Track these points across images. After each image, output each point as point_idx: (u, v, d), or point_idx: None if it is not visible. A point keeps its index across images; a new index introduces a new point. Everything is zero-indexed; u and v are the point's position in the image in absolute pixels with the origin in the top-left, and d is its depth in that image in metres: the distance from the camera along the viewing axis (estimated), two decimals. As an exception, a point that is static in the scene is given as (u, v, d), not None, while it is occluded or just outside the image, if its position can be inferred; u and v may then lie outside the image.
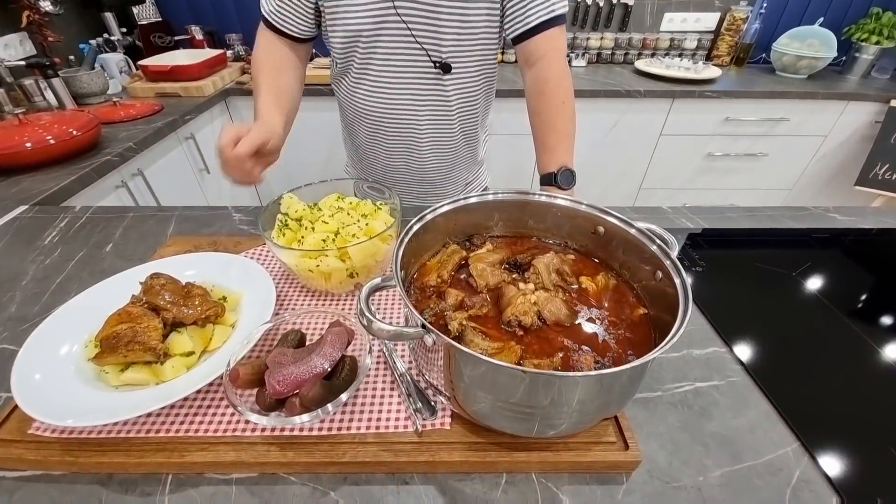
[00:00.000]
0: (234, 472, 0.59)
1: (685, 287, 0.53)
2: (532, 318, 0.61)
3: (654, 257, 0.61)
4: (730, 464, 0.61)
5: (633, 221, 0.64)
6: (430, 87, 1.06)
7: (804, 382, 0.73)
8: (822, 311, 0.87)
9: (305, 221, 0.79)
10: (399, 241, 0.61)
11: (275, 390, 0.55)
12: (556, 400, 0.48)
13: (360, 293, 0.54)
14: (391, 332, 0.51)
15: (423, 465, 0.57)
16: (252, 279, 0.79)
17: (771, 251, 1.07)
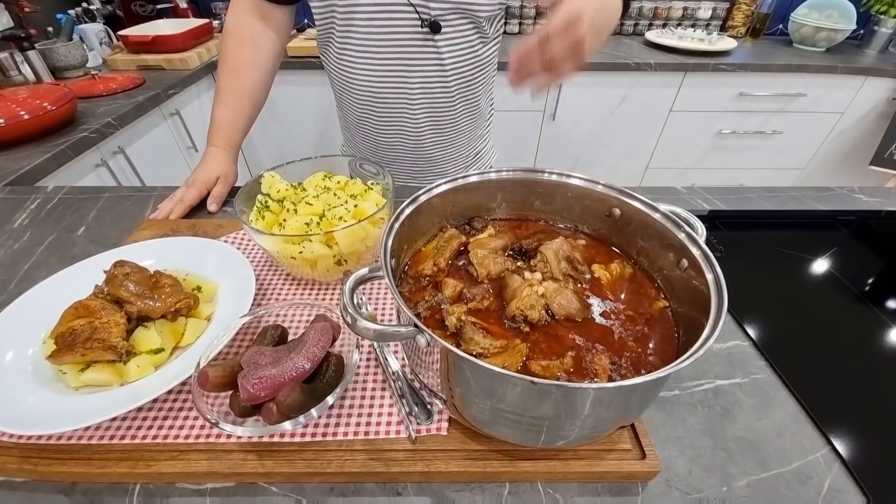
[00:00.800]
0: (209, 482, 0.53)
1: (719, 282, 0.46)
2: (540, 313, 0.54)
3: (680, 244, 0.54)
4: (756, 471, 0.55)
5: (657, 204, 0.57)
6: (421, 50, 0.95)
7: (834, 380, 0.66)
8: (851, 302, 0.81)
9: (288, 203, 0.72)
10: (388, 225, 0.54)
11: (249, 395, 0.49)
12: (568, 411, 0.42)
13: (343, 286, 0.47)
14: (379, 332, 0.44)
15: (417, 476, 0.52)
16: (230, 267, 0.71)
17: (793, 234, 1.00)
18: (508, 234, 0.71)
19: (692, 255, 0.51)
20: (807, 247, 0.95)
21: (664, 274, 0.59)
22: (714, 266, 0.47)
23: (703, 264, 0.49)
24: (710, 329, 0.42)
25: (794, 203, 1.10)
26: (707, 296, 0.47)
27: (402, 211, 0.57)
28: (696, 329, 0.47)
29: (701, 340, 0.41)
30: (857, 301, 0.81)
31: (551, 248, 0.62)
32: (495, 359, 0.49)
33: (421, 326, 0.41)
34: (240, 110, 0.99)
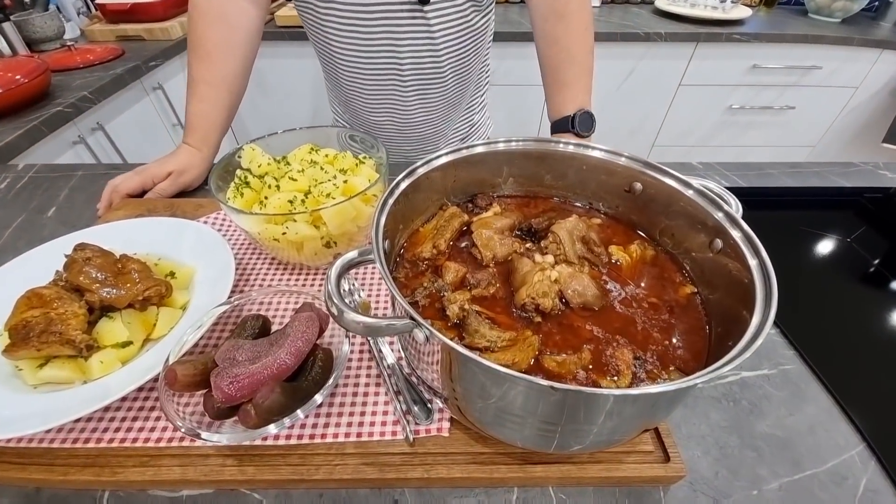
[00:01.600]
0: (184, 489, 0.48)
1: (766, 270, 0.39)
2: (553, 301, 0.48)
3: (715, 224, 0.47)
4: (788, 472, 0.50)
5: (691, 179, 0.50)
6: (410, 20, 0.86)
7: (869, 371, 0.61)
8: (885, 287, 0.75)
9: (269, 178, 0.64)
10: (381, 202, 0.47)
11: (223, 395, 0.43)
12: (588, 417, 0.36)
13: (329, 272, 0.40)
14: (369, 327, 0.37)
15: (415, 482, 0.46)
16: (208, 250, 0.65)
17: (818, 213, 0.93)
18: (516, 212, 0.64)
19: (731, 237, 0.44)
20: (833, 226, 0.88)
21: (692, 256, 0.53)
22: (759, 251, 0.41)
23: (744, 248, 0.42)
24: (757, 324, 0.36)
25: (818, 179, 1.03)
26: (747, 283, 0.41)
27: (396, 186, 0.50)
28: (736, 320, 0.41)
29: (749, 336, 0.35)
30: (892, 286, 0.75)
31: (565, 227, 0.55)
32: (504, 354, 0.43)
33: (418, 319, 0.35)
34: (217, 103, 0.87)
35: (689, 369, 0.43)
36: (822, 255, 0.81)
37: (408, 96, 0.97)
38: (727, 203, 0.48)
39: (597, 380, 0.42)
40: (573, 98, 0.87)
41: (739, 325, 0.39)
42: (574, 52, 0.84)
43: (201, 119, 0.87)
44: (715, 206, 0.47)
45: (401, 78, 0.93)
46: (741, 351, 0.34)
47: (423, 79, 0.95)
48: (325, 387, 0.47)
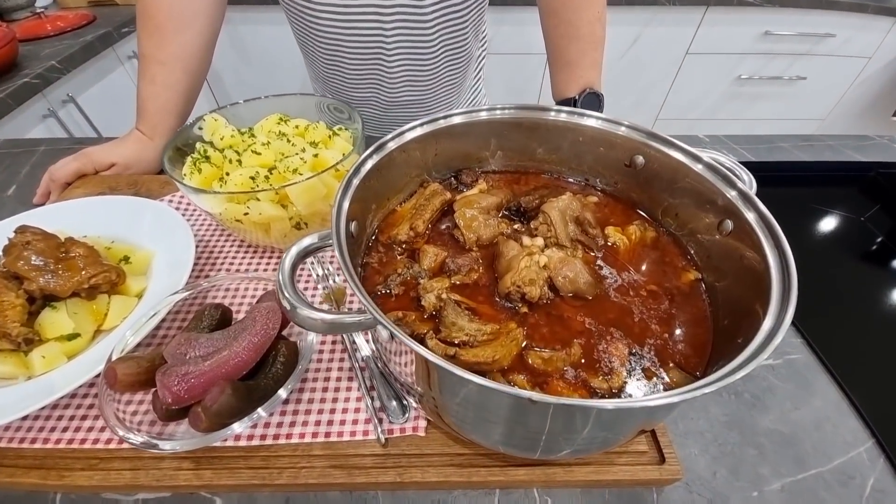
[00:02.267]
0: (139, 493, 0.44)
1: (785, 258, 0.34)
2: (540, 289, 0.43)
3: (726, 204, 0.41)
4: (792, 472, 0.46)
5: (700, 152, 0.44)
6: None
7: (881, 362, 0.57)
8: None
9: (230, 152, 0.58)
10: (345, 181, 0.41)
11: (171, 396, 0.38)
12: (574, 426, 0.32)
13: (282, 260, 0.35)
14: (328, 323, 0.32)
15: (387, 486, 0.43)
16: (168, 232, 0.59)
17: (830, 189, 0.87)
18: (504, 189, 0.58)
19: (744, 218, 0.39)
20: (846, 203, 0.82)
21: (697, 239, 0.47)
22: (777, 235, 0.35)
23: (759, 232, 0.37)
24: (774, 321, 0.31)
25: (832, 153, 0.96)
26: (761, 271, 0.36)
27: (363, 162, 0.43)
28: (746, 313, 0.36)
29: (764, 334, 0.30)
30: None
31: (556, 206, 0.50)
32: (483, 349, 0.39)
33: (378, 317, 0.30)
34: (171, 85, 0.76)
35: (690, 366, 0.39)
36: (834, 235, 0.76)
37: (393, 70, 0.87)
38: (740, 178, 0.43)
39: (587, 379, 0.38)
40: (577, 77, 0.78)
41: (750, 320, 0.34)
42: (576, 24, 0.75)
43: (152, 103, 0.76)
44: (727, 182, 0.41)
45: (386, 51, 0.84)
46: (755, 353, 0.29)
47: (410, 51, 0.85)
48: (289, 380, 0.43)
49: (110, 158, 0.80)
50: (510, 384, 0.37)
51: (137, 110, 0.82)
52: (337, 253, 0.34)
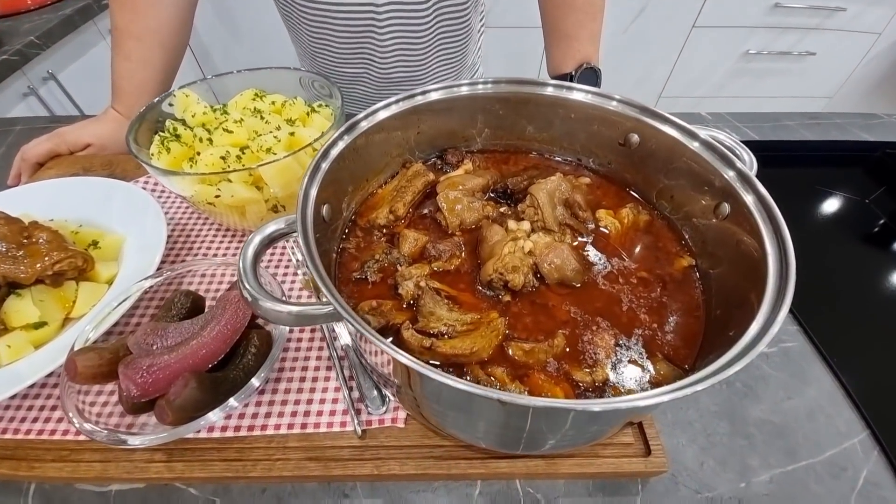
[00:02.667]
0: (113, 484, 0.43)
1: (783, 244, 0.31)
2: (524, 277, 0.41)
3: (724, 185, 0.38)
4: (781, 463, 0.45)
5: (697, 130, 0.41)
6: None
7: (880, 351, 0.55)
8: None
9: (201, 130, 0.54)
10: (314, 162, 0.38)
11: (136, 388, 0.36)
12: (555, 424, 0.30)
13: (243, 249, 0.32)
14: (292, 316, 0.30)
15: (365, 478, 0.42)
16: (140, 215, 0.56)
17: (835, 170, 0.84)
18: (492, 170, 0.55)
19: (742, 200, 0.36)
20: (850, 185, 0.79)
21: (692, 223, 0.45)
22: (776, 219, 0.33)
23: (758, 216, 0.34)
24: (768, 313, 0.28)
25: (839, 132, 0.92)
26: (757, 258, 0.33)
27: (332, 144, 0.40)
28: (740, 303, 0.34)
29: (757, 327, 0.28)
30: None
31: (544, 188, 0.47)
32: (462, 340, 0.37)
33: (343, 312, 0.28)
34: (147, 61, 0.72)
35: (679, 358, 0.37)
36: (836, 218, 0.74)
37: (385, 46, 0.82)
38: (740, 158, 0.40)
39: (570, 371, 0.36)
40: (574, 52, 0.73)
41: (744, 310, 0.32)
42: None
43: (127, 81, 0.73)
44: (725, 162, 0.38)
45: (377, 25, 0.78)
46: (747, 347, 0.27)
47: (403, 26, 0.79)
48: (262, 368, 0.41)
49: (85, 139, 0.76)
50: (489, 377, 0.35)
51: (113, 88, 0.77)
52: (301, 241, 0.32)
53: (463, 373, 0.36)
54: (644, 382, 0.35)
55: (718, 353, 0.29)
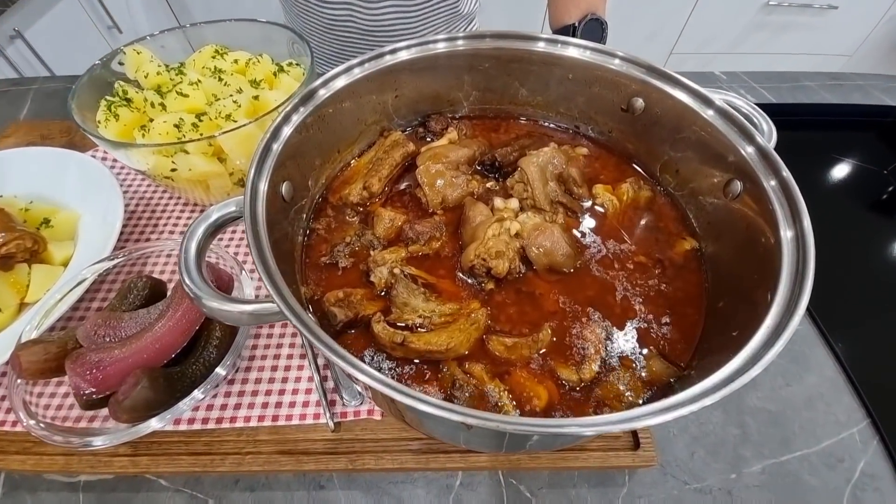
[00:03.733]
0: (82, 474, 0.42)
1: (804, 235, 0.27)
2: (510, 262, 0.37)
3: (738, 161, 0.34)
4: (775, 454, 0.44)
5: (711, 94, 0.35)
6: None
7: (887, 335, 0.52)
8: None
9: (152, 94, 0.48)
10: (269, 130, 0.33)
11: (84, 385, 0.34)
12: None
13: (184, 241, 0.28)
14: (244, 315, 0.27)
15: (340, 472, 0.40)
16: (95, 188, 0.52)
17: (855, 136, 0.78)
18: (480, 139, 0.50)
19: (758, 182, 0.31)
20: (871, 155, 0.73)
21: (699, 201, 0.40)
22: (798, 206, 0.28)
23: (776, 201, 0.30)
24: (780, 314, 0.25)
25: (861, 95, 0.85)
26: (770, 246, 0.29)
27: (287, 118, 0.35)
28: (746, 296, 0.30)
29: (766, 330, 0.24)
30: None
31: (535, 161, 0.42)
32: (438, 335, 0.33)
33: (289, 312, 0.24)
34: None
35: (674, 354, 0.34)
36: (850, 191, 0.68)
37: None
38: (758, 127, 0.35)
39: (555, 368, 0.33)
40: (578, 1, 0.66)
41: (751, 307, 0.28)
42: None
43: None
44: (744, 135, 0.33)
45: None
46: (754, 356, 0.23)
47: None
48: (227, 356, 0.38)
49: None
50: (466, 375, 0.32)
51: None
52: (247, 228, 0.27)
53: (439, 369, 0.33)
54: (635, 382, 0.32)
55: (718, 355, 0.25)
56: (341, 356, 0.22)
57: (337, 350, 0.23)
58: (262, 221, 0.29)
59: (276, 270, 0.26)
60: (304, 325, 0.23)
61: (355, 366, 0.22)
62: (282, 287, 0.25)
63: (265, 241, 0.28)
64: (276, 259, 0.28)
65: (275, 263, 0.27)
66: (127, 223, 0.57)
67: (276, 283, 0.25)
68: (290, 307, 0.24)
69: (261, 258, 0.26)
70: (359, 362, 0.23)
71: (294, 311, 0.24)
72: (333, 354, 0.22)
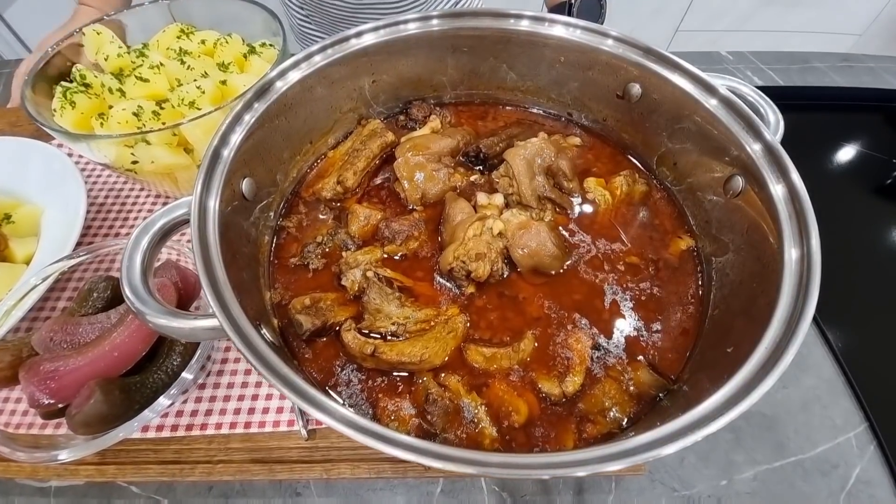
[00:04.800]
0: (52, 479, 0.40)
1: (809, 244, 0.24)
2: (491, 265, 0.34)
3: (741, 156, 0.31)
4: (768, 459, 0.42)
5: (714, 81, 0.32)
6: None
7: (890, 336, 0.50)
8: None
9: (110, 79, 0.45)
10: (213, 144, 0.30)
11: (39, 395, 0.32)
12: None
13: (126, 250, 0.26)
14: (194, 331, 0.24)
15: (316, 480, 0.38)
16: (59, 182, 0.49)
17: (861, 119, 0.74)
18: (465, 127, 0.46)
19: (763, 182, 0.28)
20: (879, 143, 0.70)
21: (696, 197, 0.37)
22: (806, 215, 0.25)
23: (781, 206, 0.27)
24: (779, 331, 0.22)
25: (871, 78, 0.81)
26: (772, 252, 0.27)
27: (238, 117, 0.31)
28: (746, 306, 0.28)
29: (765, 349, 0.22)
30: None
31: (522, 154, 0.39)
32: (412, 344, 0.31)
33: (232, 331, 0.22)
34: None
35: (664, 365, 0.32)
36: (856, 181, 0.65)
37: None
38: (764, 118, 0.32)
39: (536, 380, 0.31)
40: None
41: (748, 319, 0.26)
42: None
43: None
44: (749, 129, 0.30)
45: None
46: (751, 379, 0.21)
47: None
48: (192, 362, 0.36)
49: None
50: (442, 388, 0.30)
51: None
52: (193, 233, 0.25)
53: (413, 381, 0.31)
54: (622, 396, 0.30)
55: (712, 371, 0.23)
56: (293, 389, 0.20)
57: (288, 381, 0.20)
58: (214, 228, 0.26)
59: (225, 281, 0.24)
60: (250, 351, 0.21)
61: (311, 401, 0.20)
62: (230, 305, 0.23)
63: (215, 250, 0.25)
64: (234, 266, 0.26)
65: (225, 274, 0.24)
66: (96, 216, 0.54)
67: (217, 300, 0.23)
68: (231, 327, 0.21)
69: (204, 269, 0.24)
70: (316, 396, 0.20)
71: (242, 336, 0.21)
72: (283, 386, 0.20)
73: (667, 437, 0.19)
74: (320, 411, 0.20)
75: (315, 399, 0.20)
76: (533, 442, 0.28)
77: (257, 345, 0.21)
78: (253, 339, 0.21)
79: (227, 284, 0.24)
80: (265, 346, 0.21)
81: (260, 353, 0.21)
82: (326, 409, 0.20)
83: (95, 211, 0.55)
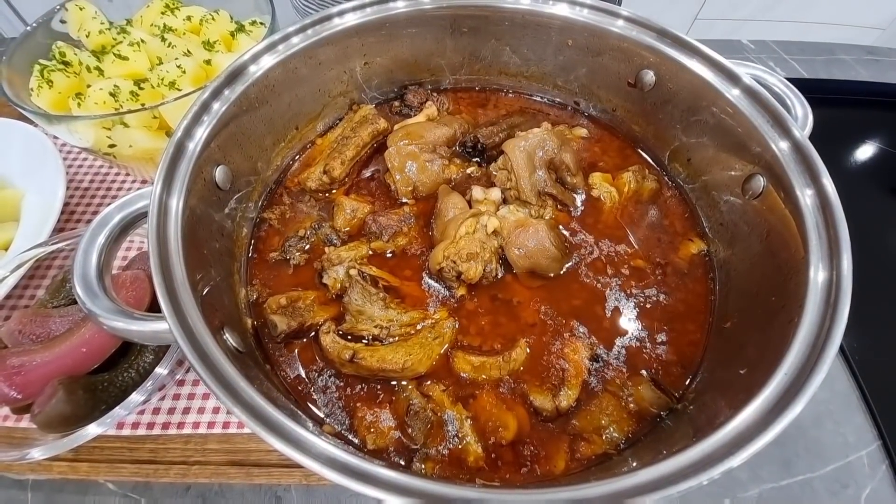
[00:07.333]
0: (28, 473, 0.39)
1: (839, 276, 0.22)
2: (483, 265, 0.32)
3: (763, 153, 0.27)
4: (774, 477, 0.40)
5: (737, 69, 0.28)
6: None
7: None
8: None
9: (88, 56, 0.42)
10: (177, 136, 0.27)
11: (10, 388, 0.30)
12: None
13: (79, 248, 0.24)
14: (156, 335, 0.22)
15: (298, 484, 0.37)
16: (39, 164, 0.47)
17: (884, 117, 0.69)
18: (464, 115, 0.43)
19: (793, 194, 0.25)
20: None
21: (711, 197, 0.34)
22: (838, 232, 0.22)
23: (809, 223, 0.24)
24: (803, 353, 0.20)
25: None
26: (795, 263, 0.24)
27: (216, 92, 0.29)
28: (763, 320, 0.25)
29: (787, 374, 0.19)
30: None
31: (521, 145, 0.36)
32: (395, 350, 0.29)
33: (181, 339, 0.20)
34: None
35: (669, 380, 0.29)
36: (876, 180, 0.61)
37: None
38: (790, 111, 0.28)
39: (528, 392, 0.28)
40: None
41: (765, 337, 0.23)
42: None
43: None
44: (776, 123, 0.27)
45: None
46: (768, 410, 0.19)
47: None
48: (164, 358, 0.34)
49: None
50: (425, 398, 0.28)
51: None
52: (149, 230, 0.23)
53: (394, 389, 0.29)
54: (620, 413, 0.27)
55: (721, 394, 0.21)
56: (242, 404, 0.18)
57: (238, 395, 0.18)
58: (176, 223, 0.24)
59: (184, 282, 0.22)
60: (199, 365, 0.19)
61: (259, 418, 0.18)
62: (187, 308, 0.20)
63: (175, 247, 0.23)
64: (201, 264, 0.23)
65: (185, 273, 0.22)
66: (80, 201, 0.52)
67: (179, 303, 0.20)
68: (180, 336, 0.19)
69: (163, 272, 0.21)
70: (267, 410, 0.18)
71: (193, 344, 0.19)
72: (229, 400, 0.18)
73: (677, 474, 0.17)
74: (267, 430, 0.17)
75: (265, 415, 0.18)
76: (521, 461, 0.26)
77: (211, 353, 0.19)
78: (207, 347, 0.19)
79: (187, 285, 0.22)
80: (221, 355, 0.19)
81: (211, 362, 0.19)
82: (276, 428, 0.18)
83: (80, 196, 0.53)
